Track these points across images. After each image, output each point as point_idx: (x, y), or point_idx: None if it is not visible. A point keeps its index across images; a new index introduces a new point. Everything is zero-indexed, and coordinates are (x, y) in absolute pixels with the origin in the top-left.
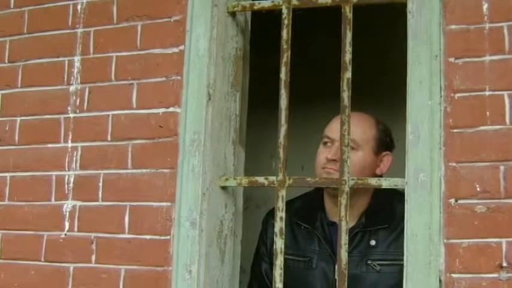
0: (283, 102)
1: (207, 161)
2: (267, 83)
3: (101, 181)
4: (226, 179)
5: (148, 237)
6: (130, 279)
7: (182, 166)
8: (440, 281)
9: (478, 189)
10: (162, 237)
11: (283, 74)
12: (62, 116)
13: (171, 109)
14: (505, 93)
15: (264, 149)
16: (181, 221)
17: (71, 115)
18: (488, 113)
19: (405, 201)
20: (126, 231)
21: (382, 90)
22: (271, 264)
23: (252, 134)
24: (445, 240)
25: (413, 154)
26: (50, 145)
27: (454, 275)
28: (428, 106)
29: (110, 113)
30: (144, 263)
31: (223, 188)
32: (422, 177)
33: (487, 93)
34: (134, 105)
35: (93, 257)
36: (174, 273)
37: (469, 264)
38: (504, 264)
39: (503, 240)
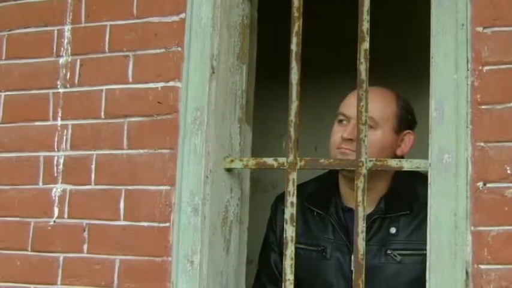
0: (294, 76)
1: (210, 140)
2: (277, 55)
3: (94, 163)
4: (232, 161)
5: (145, 224)
6: (125, 271)
7: (183, 146)
8: (467, 272)
9: (509, 171)
10: (160, 225)
11: (294, 45)
12: (51, 91)
13: (170, 83)
14: None
15: (273, 128)
16: (182, 207)
17: (61, 90)
18: None
19: (428, 185)
20: (121, 217)
21: (403, 63)
22: (280, 254)
23: (260, 112)
24: (472, 228)
25: (437, 133)
26: (37, 123)
27: (482, 266)
28: (454, 80)
29: (104, 87)
30: (141, 252)
31: (228, 170)
32: (447, 159)
33: None
34: (130, 80)
35: (85, 247)
36: (174, 264)
37: (499, 254)
38: None
39: None
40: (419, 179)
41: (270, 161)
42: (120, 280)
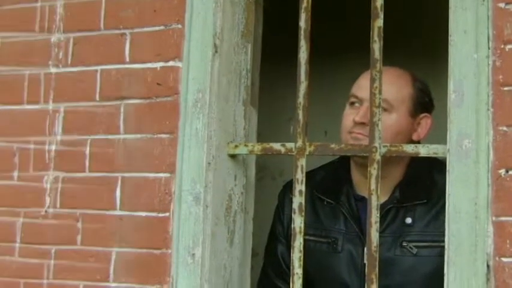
0: (303, 55)
1: (212, 124)
2: (284, 32)
3: (88, 148)
4: (236, 146)
5: (143, 214)
6: (122, 264)
7: (183, 131)
8: (488, 266)
9: None
10: (160, 215)
11: (303, 22)
12: (42, 72)
13: (170, 63)
14: None
15: (280, 111)
16: (183, 196)
17: (53, 70)
18: None
19: (447, 172)
20: (118, 207)
21: (420, 42)
22: (288, 246)
23: (266, 94)
24: (493, 218)
25: (456, 116)
26: (27, 106)
27: (504, 259)
28: (474, 60)
29: (99, 68)
30: (139, 244)
31: (232, 156)
32: (467, 144)
33: None
34: (127, 59)
35: (79, 238)
36: (174, 256)
37: None
38: None
39: None
40: (436, 165)
41: (277, 146)
42: (117, 274)
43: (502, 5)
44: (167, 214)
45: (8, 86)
